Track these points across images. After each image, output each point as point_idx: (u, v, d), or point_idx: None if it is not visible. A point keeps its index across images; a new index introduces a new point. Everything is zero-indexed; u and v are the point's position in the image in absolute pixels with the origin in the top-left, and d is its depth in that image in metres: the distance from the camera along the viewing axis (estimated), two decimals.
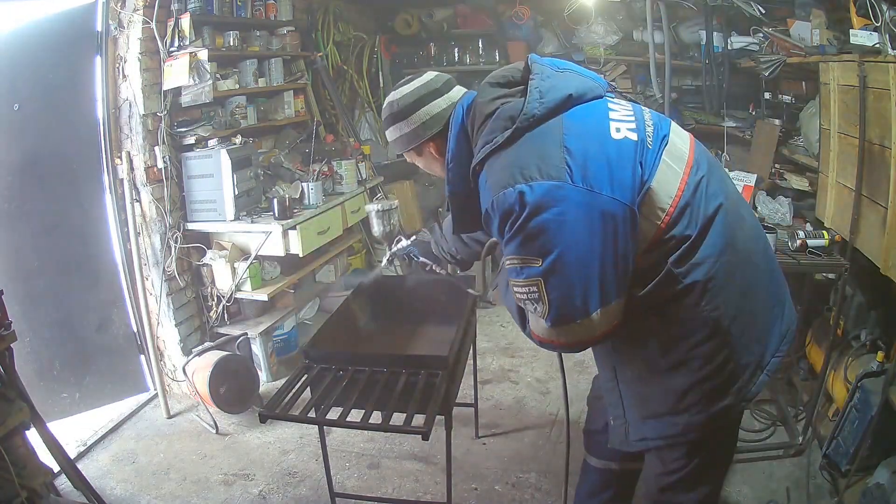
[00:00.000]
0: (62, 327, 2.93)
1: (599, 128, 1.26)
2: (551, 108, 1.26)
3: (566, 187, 1.17)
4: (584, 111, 1.29)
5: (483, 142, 1.30)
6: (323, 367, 1.95)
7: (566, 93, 1.28)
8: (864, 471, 2.11)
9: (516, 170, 1.21)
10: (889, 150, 2.07)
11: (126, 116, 2.99)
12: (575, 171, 1.18)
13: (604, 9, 4.61)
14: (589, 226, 1.18)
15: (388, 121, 1.52)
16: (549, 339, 1.31)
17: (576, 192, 1.17)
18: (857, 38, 2.23)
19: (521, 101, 1.27)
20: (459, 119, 1.40)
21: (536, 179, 1.18)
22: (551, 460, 2.60)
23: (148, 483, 2.58)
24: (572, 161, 1.19)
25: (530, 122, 1.25)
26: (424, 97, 1.46)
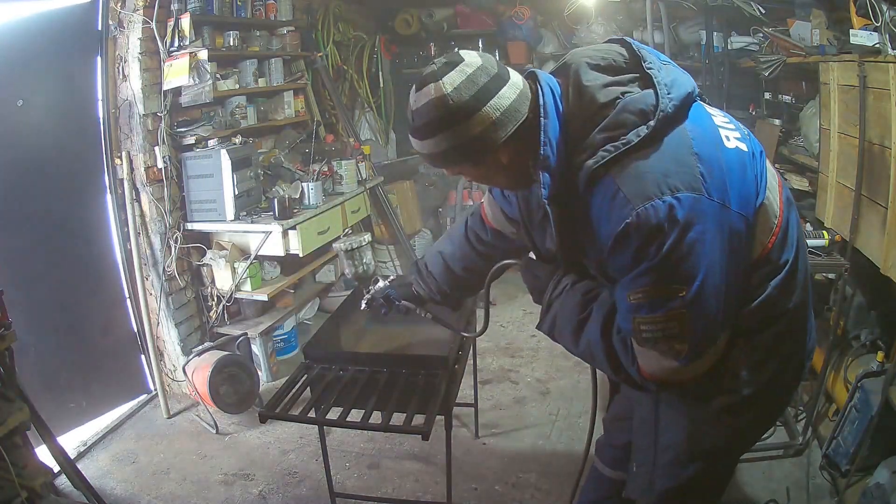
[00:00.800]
0: (67, 333, 2.91)
1: (714, 134, 1.11)
2: (678, 107, 1.07)
3: (704, 201, 1.02)
4: (698, 115, 1.13)
5: (604, 139, 1.05)
6: (323, 367, 1.95)
7: (687, 90, 1.10)
8: (864, 471, 2.11)
9: (661, 178, 1.01)
10: (889, 150, 2.07)
11: (126, 116, 2.99)
12: (709, 182, 1.03)
13: (604, 9, 4.61)
14: (721, 244, 1.04)
15: (433, 126, 1.10)
16: (673, 378, 1.11)
17: (711, 206, 1.02)
18: (857, 38, 2.23)
19: (651, 94, 1.06)
20: (553, 104, 1.11)
21: (681, 190, 1.00)
22: (551, 460, 2.60)
23: (148, 483, 2.58)
24: (704, 169, 1.03)
25: (664, 120, 1.05)
26: (488, 86, 1.08)
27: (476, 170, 1.19)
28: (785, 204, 1.19)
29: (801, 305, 1.23)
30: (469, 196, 4.47)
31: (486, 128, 1.09)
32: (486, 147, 1.11)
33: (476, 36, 5.29)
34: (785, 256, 1.16)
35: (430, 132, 1.12)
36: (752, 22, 3.52)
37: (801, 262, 1.22)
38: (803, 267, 1.22)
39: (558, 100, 1.12)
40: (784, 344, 1.20)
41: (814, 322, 1.36)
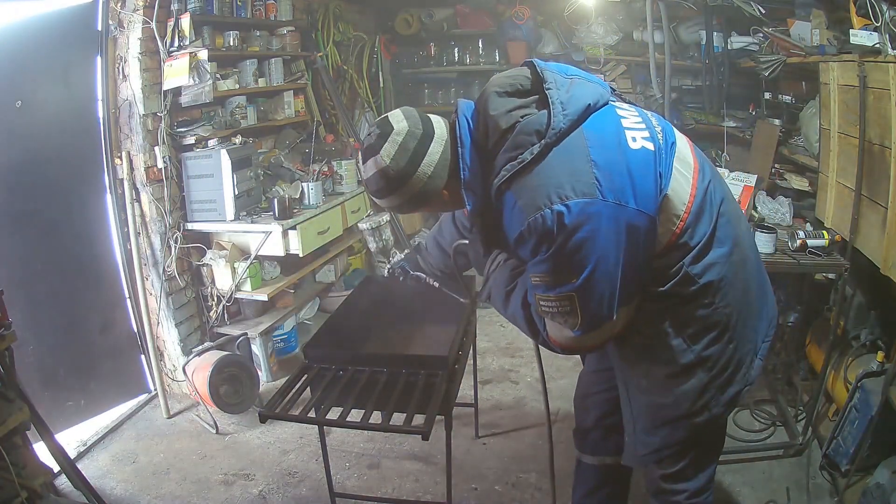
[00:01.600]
0: (66, 332, 2.91)
1: (617, 138, 1.24)
2: (574, 121, 1.22)
3: (598, 203, 1.17)
4: (598, 120, 1.26)
5: (506, 159, 1.23)
6: (323, 367, 1.95)
7: (585, 103, 1.24)
8: (864, 471, 2.12)
9: (551, 190, 1.17)
10: (889, 150, 2.07)
11: (126, 116, 2.99)
12: (604, 185, 1.17)
13: (604, 9, 4.62)
14: (616, 238, 1.19)
15: (384, 191, 1.34)
16: (573, 345, 1.32)
17: (606, 206, 1.17)
18: (857, 38, 2.23)
19: (545, 115, 1.22)
20: (468, 133, 1.30)
21: (571, 198, 1.16)
22: None
23: (148, 483, 2.58)
24: (600, 174, 1.18)
25: (557, 136, 1.20)
26: (418, 149, 1.30)
27: (430, 207, 1.43)
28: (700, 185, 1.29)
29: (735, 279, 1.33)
30: None
31: (425, 182, 1.32)
32: (430, 195, 1.35)
33: (476, 36, 5.29)
34: (697, 238, 1.27)
35: (383, 195, 1.36)
36: (752, 22, 3.52)
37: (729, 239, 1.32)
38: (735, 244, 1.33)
39: (471, 129, 1.31)
40: (717, 315, 1.32)
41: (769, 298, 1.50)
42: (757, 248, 1.54)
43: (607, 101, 1.31)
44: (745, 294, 1.37)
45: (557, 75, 1.28)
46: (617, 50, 4.86)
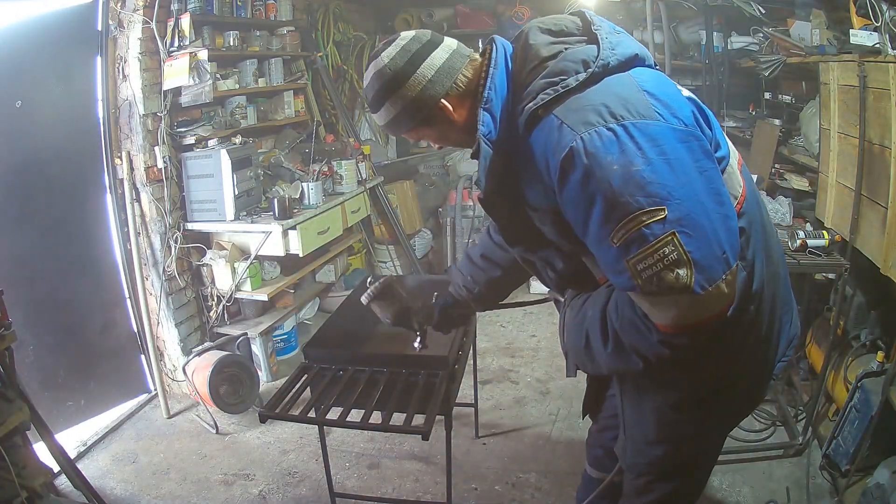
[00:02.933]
0: (66, 332, 2.91)
1: (668, 82, 1.16)
2: (622, 62, 1.12)
3: (661, 125, 1.02)
4: (646, 72, 1.16)
5: (546, 84, 1.09)
6: (323, 367, 1.95)
7: (633, 51, 1.15)
8: (864, 471, 2.11)
9: (602, 108, 1.03)
10: (889, 150, 2.07)
11: (126, 116, 2.99)
12: (661, 109, 1.04)
13: (604, 9, 4.61)
14: (694, 161, 1.02)
15: (381, 95, 1.20)
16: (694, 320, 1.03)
17: (669, 128, 1.03)
18: (857, 38, 2.23)
19: (593, 48, 1.12)
20: (503, 57, 1.18)
21: (627, 118, 1.01)
22: (551, 460, 2.60)
23: (148, 483, 2.58)
24: (657, 102, 1.05)
25: (605, 69, 1.09)
26: (420, 51, 1.19)
27: (432, 130, 1.25)
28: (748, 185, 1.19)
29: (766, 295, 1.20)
30: (469, 196, 4.47)
31: (424, 86, 1.18)
32: (429, 103, 1.19)
33: (476, 36, 5.26)
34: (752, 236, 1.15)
35: (378, 103, 1.22)
36: (752, 22, 3.52)
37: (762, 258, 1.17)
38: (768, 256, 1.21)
39: (508, 58, 1.18)
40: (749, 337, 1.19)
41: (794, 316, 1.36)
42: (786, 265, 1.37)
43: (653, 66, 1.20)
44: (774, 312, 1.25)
45: (606, 24, 1.19)
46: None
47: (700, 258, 0.99)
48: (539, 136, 1.08)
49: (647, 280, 1.00)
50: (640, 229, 0.99)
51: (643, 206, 0.98)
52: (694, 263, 0.99)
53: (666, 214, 0.98)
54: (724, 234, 1.02)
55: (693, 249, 0.99)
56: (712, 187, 1.03)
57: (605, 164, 0.99)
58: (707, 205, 1.01)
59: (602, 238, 1.04)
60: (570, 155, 1.02)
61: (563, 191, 1.06)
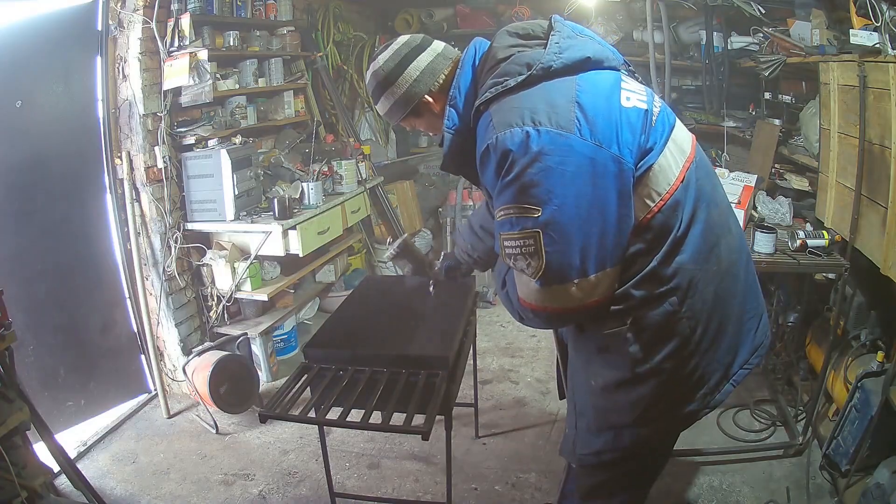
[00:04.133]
0: (67, 332, 2.91)
1: (610, 92, 1.24)
2: (568, 65, 1.23)
3: (573, 139, 1.15)
4: (597, 76, 1.26)
5: (492, 83, 1.25)
6: (323, 367, 1.95)
7: (584, 54, 1.25)
8: (864, 471, 2.11)
9: (526, 112, 1.17)
10: (889, 150, 2.07)
11: (126, 116, 2.99)
12: (583, 126, 1.16)
13: (604, 9, 4.61)
14: (593, 179, 1.15)
15: (376, 91, 1.45)
16: (537, 304, 1.24)
17: (583, 144, 1.15)
18: (857, 38, 2.23)
19: (540, 52, 1.25)
20: (471, 60, 1.36)
21: (544, 125, 1.15)
22: (551, 460, 2.60)
23: (148, 483, 2.58)
24: (582, 116, 1.16)
25: (546, 72, 1.22)
26: (408, 55, 1.41)
27: (420, 119, 1.47)
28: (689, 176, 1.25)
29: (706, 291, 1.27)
30: (469, 196, 4.47)
31: (410, 85, 1.40)
32: (415, 98, 1.41)
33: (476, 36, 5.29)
34: (673, 231, 1.22)
35: (376, 97, 1.47)
36: (752, 22, 3.52)
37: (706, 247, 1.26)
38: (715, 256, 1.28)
39: (478, 58, 1.36)
40: (680, 325, 1.26)
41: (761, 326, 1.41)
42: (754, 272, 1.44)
43: (615, 68, 1.31)
44: (718, 311, 1.30)
45: (568, 28, 1.32)
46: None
47: (552, 261, 1.17)
48: (479, 128, 1.27)
49: (506, 255, 1.24)
50: (513, 216, 1.19)
51: (526, 201, 1.16)
52: (546, 263, 1.17)
53: (539, 215, 1.15)
54: (594, 247, 1.17)
55: (551, 251, 1.16)
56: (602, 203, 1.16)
57: (511, 159, 1.16)
58: (586, 218, 1.15)
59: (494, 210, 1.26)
60: (486, 149, 1.21)
61: (483, 174, 1.27)
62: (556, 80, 1.22)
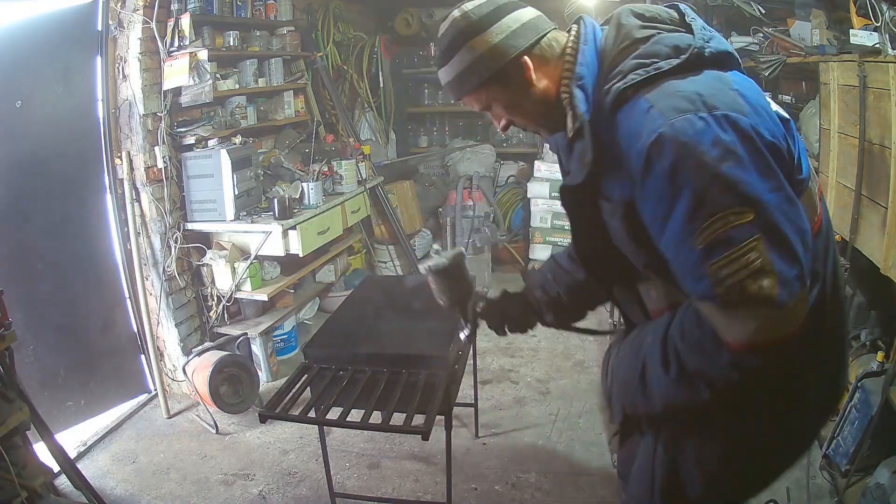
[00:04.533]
0: (67, 332, 2.91)
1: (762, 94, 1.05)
2: (716, 55, 1.04)
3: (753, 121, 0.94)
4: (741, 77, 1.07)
5: (636, 64, 1.01)
6: (323, 367, 1.95)
7: (726, 48, 1.07)
8: (864, 471, 2.11)
9: (695, 97, 0.95)
10: (889, 150, 2.07)
11: (126, 116, 2.99)
12: (749, 111, 0.95)
13: (604, 9, 4.61)
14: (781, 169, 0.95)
15: (454, 43, 1.11)
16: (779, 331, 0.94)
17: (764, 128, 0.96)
18: (857, 38, 2.23)
19: (688, 36, 1.05)
20: (592, 35, 1.11)
21: (720, 109, 0.93)
22: (551, 460, 2.60)
23: (148, 483, 2.58)
24: (745, 102, 0.97)
25: (699, 58, 1.02)
26: (507, 4, 1.12)
27: (504, 92, 1.12)
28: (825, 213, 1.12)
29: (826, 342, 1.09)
30: (469, 196, 4.47)
31: (507, 35, 1.08)
32: (508, 54, 1.09)
33: None
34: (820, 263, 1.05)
35: (450, 52, 1.12)
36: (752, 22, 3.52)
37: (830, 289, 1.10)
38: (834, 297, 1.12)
39: (598, 36, 1.11)
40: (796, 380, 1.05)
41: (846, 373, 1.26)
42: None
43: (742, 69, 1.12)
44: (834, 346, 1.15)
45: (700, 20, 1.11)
46: None
47: (782, 270, 0.91)
48: (625, 119, 1.00)
49: (729, 288, 0.91)
50: (728, 230, 0.90)
51: (732, 205, 0.90)
52: (777, 274, 0.90)
53: (753, 217, 0.90)
54: (801, 249, 0.93)
55: (775, 259, 0.90)
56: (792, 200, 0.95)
57: (697, 154, 0.91)
58: (790, 215, 0.93)
59: (684, 238, 0.94)
60: (658, 141, 0.93)
61: (647, 181, 0.96)
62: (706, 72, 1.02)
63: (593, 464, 2.54)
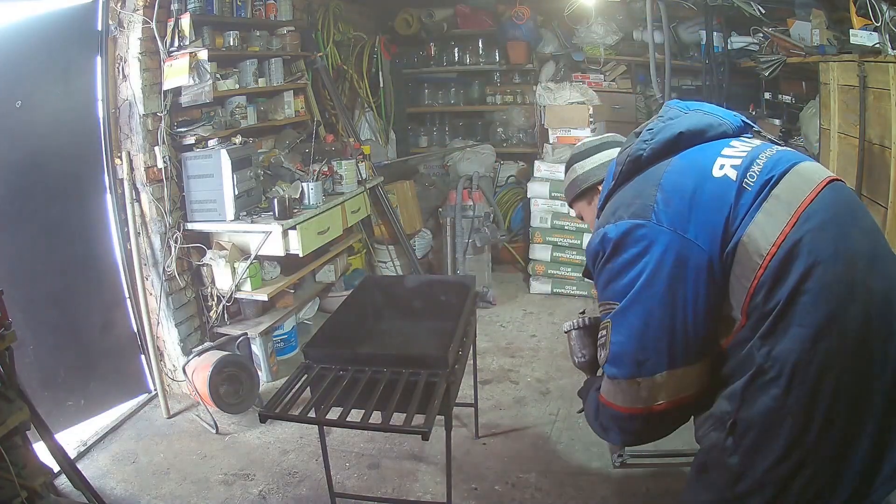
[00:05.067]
0: (66, 331, 2.91)
1: (704, 164, 1.14)
2: (657, 149, 1.19)
3: (648, 225, 1.10)
4: (699, 150, 1.18)
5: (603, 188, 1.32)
6: (323, 367, 1.95)
7: (676, 131, 1.19)
8: None
9: (611, 212, 1.20)
10: (889, 150, 2.08)
11: (126, 116, 2.99)
12: (660, 208, 1.10)
13: (604, 9, 4.62)
14: (661, 270, 1.08)
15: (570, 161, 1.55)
16: (607, 399, 1.18)
17: (658, 232, 1.09)
18: (857, 38, 2.23)
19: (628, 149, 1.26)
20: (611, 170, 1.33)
21: (623, 218, 1.14)
22: (551, 460, 2.60)
23: (148, 483, 2.58)
24: (661, 196, 1.12)
25: (636, 162, 1.21)
26: (608, 142, 1.50)
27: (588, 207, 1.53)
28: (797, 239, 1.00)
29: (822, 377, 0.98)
30: (469, 196, 4.47)
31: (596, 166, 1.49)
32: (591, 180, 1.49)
33: (476, 36, 5.30)
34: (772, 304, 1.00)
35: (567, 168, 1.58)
36: (752, 22, 3.53)
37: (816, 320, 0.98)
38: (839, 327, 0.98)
39: None
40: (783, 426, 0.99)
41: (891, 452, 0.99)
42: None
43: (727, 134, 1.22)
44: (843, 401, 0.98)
45: (673, 109, 1.28)
46: (617, 50, 4.87)
47: (616, 352, 1.14)
48: None
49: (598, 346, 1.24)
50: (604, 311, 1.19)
51: (606, 298, 1.18)
52: (611, 349, 1.15)
53: (616, 307, 1.14)
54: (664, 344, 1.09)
55: (615, 342, 1.14)
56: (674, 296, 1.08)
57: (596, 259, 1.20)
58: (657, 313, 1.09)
59: None
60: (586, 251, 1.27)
61: None
62: (652, 168, 1.19)
63: (593, 464, 2.54)
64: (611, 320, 1.15)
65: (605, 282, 1.17)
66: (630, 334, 1.12)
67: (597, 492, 2.39)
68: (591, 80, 4.98)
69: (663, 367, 1.09)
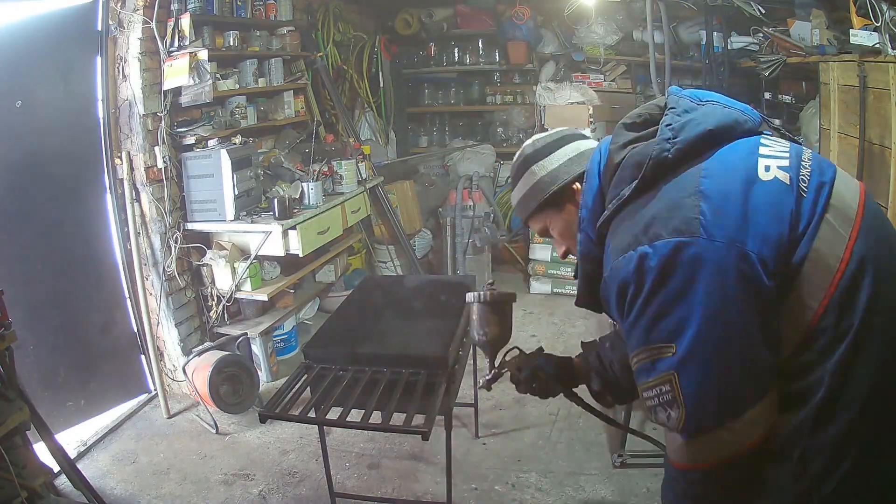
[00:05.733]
0: (67, 331, 2.91)
1: (745, 165, 0.97)
2: (686, 150, 1.00)
3: (699, 244, 0.91)
4: (729, 151, 1.01)
5: (611, 196, 1.06)
6: (323, 367, 1.96)
7: (703, 128, 1.00)
8: None
9: (641, 228, 0.96)
10: (889, 150, 2.08)
11: (126, 116, 2.99)
12: (709, 219, 0.92)
13: (604, 9, 4.62)
14: (724, 292, 0.90)
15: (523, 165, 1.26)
16: (688, 463, 0.97)
17: (712, 249, 0.90)
18: (857, 38, 2.23)
19: (651, 144, 1.02)
20: (596, 168, 1.12)
21: (662, 237, 0.93)
22: (551, 460, 2.60)
23: (148, 483, 2.58)
24: (707, 205, 0.93)
25: (661, 167, 1.00)
26: (568, 136, 1.26)
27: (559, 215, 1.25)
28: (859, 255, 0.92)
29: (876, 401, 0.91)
30: (469, 196, 4.47)
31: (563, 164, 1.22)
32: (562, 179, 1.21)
33: (476, 36, 5.30)
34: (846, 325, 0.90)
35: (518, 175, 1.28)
36: (752, 22, 3.53)
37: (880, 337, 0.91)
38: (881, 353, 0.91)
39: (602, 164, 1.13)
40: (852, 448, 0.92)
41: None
42: None
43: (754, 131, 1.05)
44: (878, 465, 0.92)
45: (684, 100, 1.06)
46: (617, 50, 4.87)
47: (695, 405, 0.93)
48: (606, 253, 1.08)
49: (649, 409, 0.99)
50: (647, 361, 0.97)
51: (653, 341, 0.95)
52: (688, 408, 0.93)
53: (673, 353, 0.93)
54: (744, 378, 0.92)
55: (691, 394, 0.93)
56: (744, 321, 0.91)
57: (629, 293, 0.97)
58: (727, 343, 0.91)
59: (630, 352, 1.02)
60: (604, 285, 1.04)
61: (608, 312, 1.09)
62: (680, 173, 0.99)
63: (593, 464, 2.54)
64: (675, 371, 0.92)
65: (650, 319, 0.94)
66: (708, 377, 0.92)
67: (597, 492, 2.39)
68: (591, 80, 4.99)
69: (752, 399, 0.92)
